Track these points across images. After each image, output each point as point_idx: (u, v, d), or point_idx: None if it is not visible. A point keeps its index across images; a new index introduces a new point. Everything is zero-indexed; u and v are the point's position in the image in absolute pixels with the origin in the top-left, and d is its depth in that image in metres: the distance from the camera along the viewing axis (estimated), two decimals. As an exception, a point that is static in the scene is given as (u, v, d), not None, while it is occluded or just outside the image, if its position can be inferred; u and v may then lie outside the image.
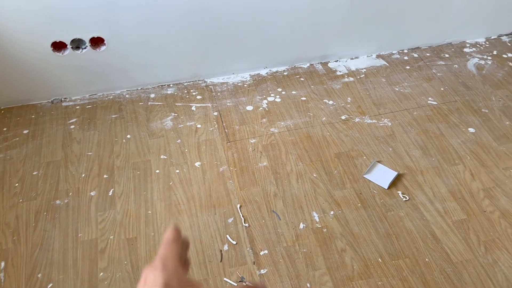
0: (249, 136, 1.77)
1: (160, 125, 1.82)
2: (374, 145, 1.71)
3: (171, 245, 0.43)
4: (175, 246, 0.43)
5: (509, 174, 1.60)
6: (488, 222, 1.45)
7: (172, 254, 0.41)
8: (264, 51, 2.02)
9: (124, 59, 1.86)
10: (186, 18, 1.78)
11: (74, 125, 1.83)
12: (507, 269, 1.33)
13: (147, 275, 0.39)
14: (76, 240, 1.44)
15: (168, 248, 0.42)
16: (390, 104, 1.89)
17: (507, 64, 2.09)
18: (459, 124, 1.79)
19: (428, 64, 2.10)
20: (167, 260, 0.40)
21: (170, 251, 0.42)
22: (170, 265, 0.39)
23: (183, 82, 2.02)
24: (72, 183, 1.61)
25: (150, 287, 0.37)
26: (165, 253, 0.41)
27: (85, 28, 1.72)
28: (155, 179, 1.62)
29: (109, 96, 1.96)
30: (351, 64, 2.12)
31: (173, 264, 0.40)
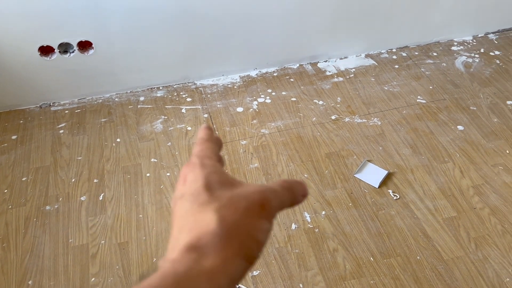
0: (239, 138, 1.77)
1: (150, 128, 1.81)
2: (364, 144, 1.72)
3: (206, 143, 0.40)
4: (210, 144, 0.40)
5: (497, 171, 1.61)
6: (478, 219, 1.47)
7: (209, 152, 0.39)
8: (254, 52, 2.02)
9: (113, 63, 1.85)
10: (175, 20, 1.78)
11: (63, 129, 1.82)
12: (497, 265, 1.34)
13: (186, 174, 0.36)
14: (66, 246, 1.43)
15: (204, 146, 0.40)
16: (380, 103, 1.90)
17: (494, 61, 2.11)
18: (448, 122, 1.81)
19: (416, 63, 2.12)
20: (204, 158, 0.38)
21: (206, 149, 0.39)
22: (209, 163, 0.37)
23: (173, 85, 2.02)
24: (62, 188, 1.60)
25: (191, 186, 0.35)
26: (201, 151, 0.39)
27: (72, 32, 1.71)
28: (145, 182, 1.61)
29: (98, 100, 1.95)
30: (340, 64, 2.12)
31: (211, 161, 0.38)
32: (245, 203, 0.32)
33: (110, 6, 1.66)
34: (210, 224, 0.31)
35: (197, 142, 0.41)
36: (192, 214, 0.33)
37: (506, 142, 1.72)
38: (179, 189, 0.36)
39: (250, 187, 0.34)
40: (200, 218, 0.32)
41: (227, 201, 0.32)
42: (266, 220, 0.32)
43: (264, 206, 0.33)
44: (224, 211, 0.32)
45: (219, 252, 0.30)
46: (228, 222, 0.31)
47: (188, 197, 0.34)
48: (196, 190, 0.34)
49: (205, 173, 0.35)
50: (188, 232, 0.31)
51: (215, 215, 0.31)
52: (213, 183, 0.34)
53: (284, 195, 0.35)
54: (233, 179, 0.36)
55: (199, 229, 0.31)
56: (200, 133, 0.42)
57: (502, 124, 1.79)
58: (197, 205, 0.33)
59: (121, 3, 1.67)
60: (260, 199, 0.33)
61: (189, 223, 0.32)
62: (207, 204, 0.32)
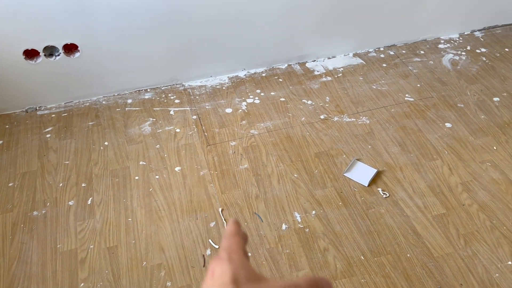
0: (229, 139, 1.76)
1: (138, 130, 1.80)
2: (353, 143, 1.73)
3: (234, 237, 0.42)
4: (238, 238, 0.42)
5: (485, 167, 1.62)
6: (466, 216, 1.47)
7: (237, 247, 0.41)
8: (242, 53, 2.01)
9: (99, 65, 1.84)
10: (162, 21, 1.77)
11: (50, 134, 1.79)
12: (486, 261, 1.35)
13: (214, 268, 0.38)
14: (55, 251, 1.41)
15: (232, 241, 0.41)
16: (368, 102, 1.90)
17: (480, 59, 2.13)
18: (436, 119, 1.82)
19: (404, 61, 2.13)
20: (232, 253, 0.39)
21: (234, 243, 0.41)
22: (236, 258, 0.39)
23: (161, 87, 2.01)
24: (49, 193, 1.58)
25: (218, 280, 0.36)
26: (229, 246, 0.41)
27: (57, 35, 1.69)
28: (134, 186, 1.59)
29: (85, 103, 1.93)
30: (328, 63, 2.13)
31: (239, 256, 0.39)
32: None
33: (96, 8, 1.65)
34: None
35: (226, 235, 0.42)
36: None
37: (493, 138, 1.73)
38: (207, 282, 0.37)
39: (276, 283, 0.35)
40: None
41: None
42: None
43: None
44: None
45: None
46: None
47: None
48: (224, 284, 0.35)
49: (233, 267, 0.37)
50: None
51: None
52: (240, 278, 0.36)
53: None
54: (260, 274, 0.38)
55: None
56: (229, 227, 0.44)
57: (489, 121, 1.80)
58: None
59: (107, 5, 1.65)
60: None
61: None
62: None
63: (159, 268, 1.36)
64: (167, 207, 1.53)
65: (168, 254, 1.40)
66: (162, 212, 1.51)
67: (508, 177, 1.58)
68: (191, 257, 1.39)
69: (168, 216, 1.50)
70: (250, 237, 1.43)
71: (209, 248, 1.41)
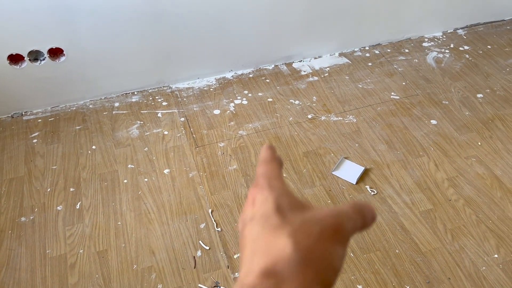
0: (217, 140, 1.77)
1: (126, 134, 1.79)
2: (340, 142, 1.74)
3: (271, 163, 0.38)
4: (275, 164, 0.39)
5: (470, 162, 1.65)
6: (453, 211, 1.50)
7: (276, 173, 0.37)
8: (229, 54, 2.02)
9: (85, 69, 1.83)
10: (148, 24, 1.77)
11: (36, 139, 1.78)
12: (473, 254, 1.37)
13: (254, 195, 0.35)
14: (44, 257, 1.40)
15: (270, 167, 0.38)
16: (355, 101, 1.92)
17: (464, 56, 2.16)
18: (422, 116, 1.84)
19: (389, 60, 2.15)
20: (272, 179, 0.36)
21: (272, 169, 0.38)
22: (277, 185, 0.36)
23: (148, 89, 2.00)
24: (37, 199, 1.56)
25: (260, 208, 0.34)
26: (267, 172, 0.37)
27: (42, 39, 1.68)
28: (123, 189, 1.59)
29: (72, 107, 1.92)
30: (314, 63, 2.14)
31: (279, 183, 0.36)
32: (319, 227, 0.31)
33: (80, 12, 1.64)
34: (285, 249, 0.30)
35: (261, 162, 0.39)
36: (264, 237, 0.32)
37: (477, 134, 1.76)
38: (248, 211, 0.35)
39: (322, 210, 0.33)
40: (273, 242, 0.31)
41: (300, 225, 0.32)
42: (340, 246, 0.32)
43: (338, 230, 0.32)
44: (298, 236, 0.31)
45: (297, 279, 0.29)
46: (303, 247, 0.30)
47: (259, 220, 0.33)
48: (267, 213, 0.33)
49: (275, 195, 0.34)
50: (262, 256, 0.31)
51: (289, 240, 0.30)
52: (283, 206, 0.33)
53: (356, 219, 0.34)
54: (303, 201, 0.35)
55: (274, 253, 0.30)
56: (263, 153, 0.40)
57: (473, 117, 1.83)
58: (268, 229, 0.32)
59: (92, 9, 1.65)
60: (334, 224, 0.32)
61: (262, 247, 0.31)
62: (280, 228, 0.31)
63: (149, 271, 1.36)
64: (156, 210, 1.52)
65: (159, 256, 1.40)
66: (152, 215, 1.51)
67: (493, 172, 1.61)
68: (181, 259, 1.39)
69: (157, 219, 1.50)
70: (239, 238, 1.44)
71: (199, 250, 1.41)
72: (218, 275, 1.35)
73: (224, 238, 1.44)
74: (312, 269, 0.29)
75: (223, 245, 1.42)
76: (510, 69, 2.07)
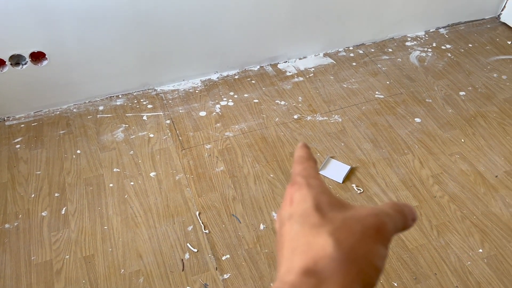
0: (204, 142, 1.76)
1: (111, 137, 1.78)
2: (326, 141, 1.75)
3: (308, 161, 0.38)
4: (312, 162, 0.38)
5: (454, 159, 1.67)
6: (438, 207, 1.52)
7: (313, 171, 0.37)
8: (213, 56, 2.01)
9: (69, 73, 1.81)
10: (131, 26, 1.75)
11: (19, 144, 1.75)
12: (458, 250, 1.39)
13: (292, 194, 0.35)
14: (29, 264, 1.38)
15: (306, 165, 0.37)
16: (340, 101, 1.94)
17: (446, 55, 2.19)
18: (406, 115, 1.86)
19: (373, 60, 2.17)
20: (309, 178, 0.35)
21: (309, 168, 0.37)
22: (315, 183, 0.35)
23: (132, 92, 1.99)
24: (21, 205, 1.54)
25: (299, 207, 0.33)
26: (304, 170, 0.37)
27: (23, 43, 1.66)
28: (109, 193, 1.57)
29: (56, 111, 1.90)
30: (299, 64, 2.15)
31: (318, 181, 0.35)
32: (361, 227, 0.31)
33: (62, 15, 1.62)
34: (326, 248, 0.29)
35: (297, 160, 0.39)
36: (305, 236, 0.31)
37: (461, 131, 1.79)
38: (286, 209, 0.34)
39: (363, 209, 0.33)
40: (313, 241, 0.30)
41: (341, 224, 0.31)
42: (382, 245, 0.31)
43: (380, 230, 0.31)
44: (339, 235, 0.30)
45: (339, 278, 0.28)
46: (344, 247, 0.30)
47: (298, 218, 0.32)
48: (306, 211, 0.32)
49: (314, 193, 0.34)
50: (302, 254, 0.30)
51: (330, 238, 0.30)
52: (323, 204, 0.33)
53: (398, 218, 0.33)
54: (342, 200, 0.34)
55: (315, 252, 0.30)
56: (298, 151, 0.40)
57: (456, 115, 1.86)
58: (308, 227, 0.31)
59: (74, 11, 1.63)
60: (375, 223, 0.31)
61: (302, 245, 0.31)
62: (320, 227, 0.31)
63: (137, 275, 1.35)
64: (143, 213, 1.51)
65: (146, 260, 1.39)
66: (139, 218, 1.50)
67: (476, 168, 1.64)
68: (169, 262, 1.38)
69: (144, 222, 1.49)
70: (229, 239, 1.44)
71: (187, 252, 1.40)
72: (206, 277, 1.34)
73: (212, 240, 1.44)
74: (354, 269, 0.29)
75: (211, 247, 1.42)
76: (491, 67, 2.10)
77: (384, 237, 0.31)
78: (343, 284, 0.28)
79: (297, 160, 0.38)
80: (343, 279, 0.29)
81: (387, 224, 0.32)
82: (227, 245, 1.42)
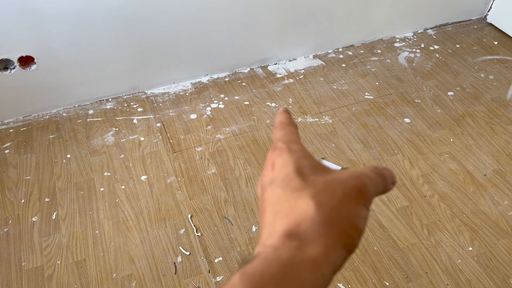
0: (195, 145, 1.76)
1: (101, 141, 1.77)
2: (317, 142, 1.76)
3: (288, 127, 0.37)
4: (293, 128, 0.38)
5: (444, 159, 1.69)
6: (428, 206, 1.53)
7: (294, 136, 0.36)
8: (204, 59, 2.01)
9: (58, 77, 1.79)
10: (120, 29, 1.75)
11: (8, 149, 1.74)
12: (448, 248, 1.41)
13: (273, 159, 0.34)
14: (20, 270, 1.37)
15: (287, 130, 0.37)
16: (330, 102, 1.95)
17: (434, 55, 2.22)
18: (395, 115, 1.88)
19: (362, 61, 2.19)
20: (291, 143, 0.35)
21: (290, 133, 0.37)
22: (296, 148, 0.35)
23: (123, 95, 1.98)
24: (11, 211, 1.53)
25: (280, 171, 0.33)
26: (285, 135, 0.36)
27: (11, 48, 1.64)
28: (100, 197, 1.57)
29: (45, 116, 1.88)
30: (289, 66, 2.16)
31: (299, 146, 0.35)
32: (342, 189, 0.31)
33: (51, 18, 1.61)
34: (308, 211, 0.29)
35: (278, 126, 0.38)
36: (286, 200, 0.31)
37: (449, 131, 1.81)
38: (267, 175, 0.34)
39: (344, 172, 0.32)
40: (296, 204, 0.30)
41: (323, 186, 0.31)
42: (364, 207, 0.31)
43: (361, 192, 0.31)
44: (320, 197, 0.30)
45: (321, 240, 0.29)
46: (326, 209, 0.30)
47: (279, 182, 0.32)
48: (288, 176, 0.32)
49: (295, 157, 0.33)
50: (284, 218, 0.30)
51: (311, 201, 0.30)
52: (304, 168, 0.33)
53: (378, 181, 0.33)
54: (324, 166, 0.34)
55: (297, 215, 0.30)
56: (279, 117, 0.39)
57: (445, 114, 1.88)
58: (290, 191, 0.31)
59: (63, 15, 1.62)
60: (357, 185, 0.31)
61: (284, 209, 0.31)
62: (302, 190, 0.31)
63: (129, 279, 1.35)
64: (135, 217, 1.51)
65: (138, 264, 1.38)
66: (130, 222, 1.49)
67: (465, 167, 1.66)
68: (162, 266, 1.38)
69: (136, 226, 1.48)
70: (221, 241, 1.44)
71: (179, 255, 1.40)
72: (199, 280, 1.34)
73: (204, 243, 1.43)
74: (336, 230, 0.29)
75: (204, 250, 1.42)
76: (478, 67, 2.13)
77: (365, 199, 0.31)
78: (326, 246, 0.29)
79: (278, 125, 0.38)
80: (325, 241, 0.29)
81: (368, 186, 0.32)
82: (219, 247, 1.42)
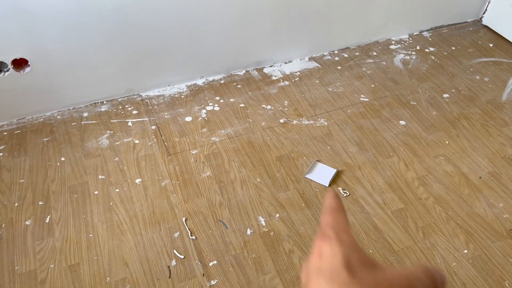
0: (190, 148, 1.75)
1: (95, 144, 1.76)
2: (313, 145, 1.76)
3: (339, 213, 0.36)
4: (343, 215, 0.37)
5: (439, 161, 1.69)
6: (424, 209, 1.53)
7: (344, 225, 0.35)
8: (199, 61, 2.01)
9: (52, 79, 1.79)
10: (115, 32, 1.74)
11: (2, 152, 1.73)
12: (444, 251, 1.41)
13: (321, 248, 0.33)
14: (12, 274, 1.36)
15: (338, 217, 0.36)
16: (325, 104, 1.95)
17: (429, 58, 2.22)
18: (391, 118, 1.88)
19: (358, 63, 2.19)
20: (340, 232, 0.34)
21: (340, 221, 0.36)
22: (347, 238, 0.34)
23: (117, 98, 1.97)
24: (4, 214, 1.52)
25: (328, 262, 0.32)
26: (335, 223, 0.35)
27: (5, 50, 1.63)
28: (94, 200, 1.56)
29: (39, 119, 1.87)
30: (285, 68, 2.16)
31: (349, 237, 0.34)
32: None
33: (45, 21, 1.61)
34: None
35: (327, 211, 0.37)
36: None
37: (445, 133, 1.81)
38: (314, 262, 0.33)
39: (393, 271, 0.32)
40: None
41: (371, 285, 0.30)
42: None
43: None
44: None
45: None
46: None
47: (326, 273, 0.32)
48: (335, 268, 0.32)
49: (344, 250, 0.33)
50: None
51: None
52: (353, 262, 0.32)
53: (427, 283, 0.33)
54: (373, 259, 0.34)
55: None
56: (329, 201, 0.38)
57: (440, 117, 1.88)
58: (337, 285, 0.31)
59: (57, 17, 1.61)
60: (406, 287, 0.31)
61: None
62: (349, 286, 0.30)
63: (123, 283, 1.34)
64: (129, 220, 1.50)
65: (132, 268, 1.37)
66: (124, 225, 1.48)
67: (460, 170, 1.66)
68: (156, 269, 1.37)
69: (130, 230, 1.47)
70: (216, 245, 1.43)
71: (174, 259, 1.39)
72: (193, 284, 1.33)
73: (198, 246, 1.43)
74: None
75: (198, 253, 1.41)
76: (473, 69, 2.13)
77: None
78: None
79: (328, 211, 0.37)
80: None
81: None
82: (214, 251, 1.41)
